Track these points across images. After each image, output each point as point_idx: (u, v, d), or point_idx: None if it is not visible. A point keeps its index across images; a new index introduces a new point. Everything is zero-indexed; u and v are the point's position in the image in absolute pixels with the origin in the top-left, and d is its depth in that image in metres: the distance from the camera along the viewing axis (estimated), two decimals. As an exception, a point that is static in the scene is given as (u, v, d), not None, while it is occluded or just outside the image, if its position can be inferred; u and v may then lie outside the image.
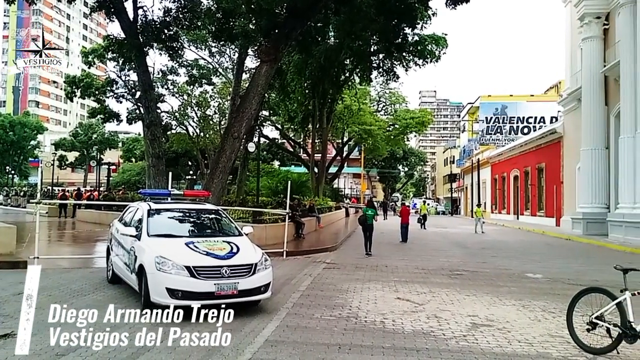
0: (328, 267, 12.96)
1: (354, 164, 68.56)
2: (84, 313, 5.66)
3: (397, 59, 27.05)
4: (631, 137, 22.13)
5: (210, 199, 14.56)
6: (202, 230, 8.91)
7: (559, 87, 51.93)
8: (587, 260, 16.27)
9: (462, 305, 8.46)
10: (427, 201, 79.79)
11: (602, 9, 27.13)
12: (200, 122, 43.20)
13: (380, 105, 53.60)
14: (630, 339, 5.52)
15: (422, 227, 30.42)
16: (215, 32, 21.12)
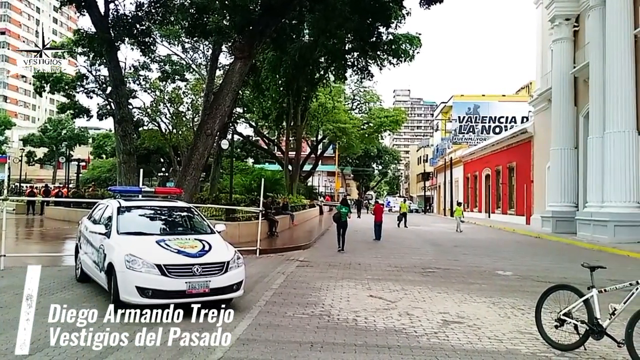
0: (301, 265, 12.93)
1: (328, 162, 68.70)
2: (56, 312, 5.53)
3: (371, 58, 27.19)
4: (599, 137, 22.68)
5: (183, 196, 14.38)
6: (173, 228, 8.80)
7: (529, 87, 52.97)
8: (556, 258, 16.62)
9: (433, 303, 8.53)
10: (401, 199, 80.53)
11: (572, 11, 27.73)
12: (172, 118, 42.60)
13: (355, 103, 53.81)
14: (597, 336, 5.63)
15: (399, 225, 30.36)
16: (188, 28, 20.86)
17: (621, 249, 18.17)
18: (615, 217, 20.88)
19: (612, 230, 20.72)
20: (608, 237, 20.61)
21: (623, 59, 21.31)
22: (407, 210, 32.97)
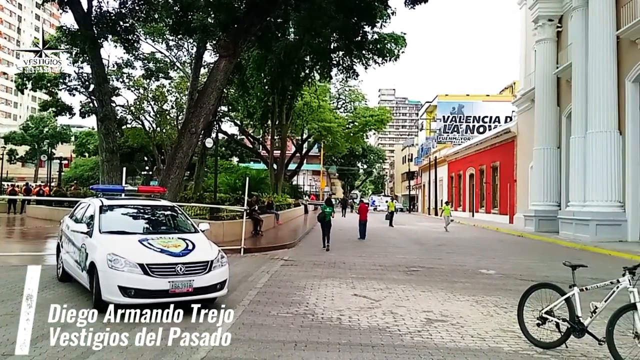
0: (286, 264, 12.90)
1: (314, 161, 68.78)
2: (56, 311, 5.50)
3: (356, 57, 27.22)
4: (582, 137, 22.96)
5: (167, 195, 14.26)
6: (156, 227, 8.73)
7: (513, 87, 53.52)
8: (539, 256, 16.80)
9: (417, 301, 8.57)
10: (387, 198, 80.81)
11: (555, 11, 28.05)
12: (156, 116, 42.27)
13: (340, 102, 53.90)
14: (578, 333, 5.69)
15: (390, 225, 30.24)
16: (172, 26, 20.66)
17: (603, 247, 18.42)
18: (597, 216, 21.17)
19: (593, 229, 21.01)
20: (590, 236, 20.89)
21: (605, 60, 21.59)
22: (394, 209, 32.91)
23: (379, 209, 68.24)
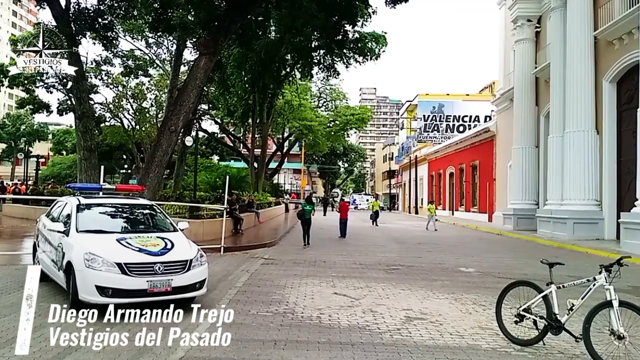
0: (266, 262, 12.85)
1: (295, 159, 68.66)
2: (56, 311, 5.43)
3: (337, 56, 27.28)
4: (560, 136, 23.30)
5: (146, 193, 14.13)
6: (135, 226, 8.64)
7: (493, 87, 54.05)
8: (517, 254, 17.01)
9: (397, 300, 8.60)
10: (368, 197, 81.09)
11: (534, 12, 28.39)
12: (136, 114, 41.78)
13: (321, 101, 53.93)
14: (555, 331, 5.75)
15: (373, 224, 29.97)
16: (152, 23, 20.48)
17: (580, 245, 18.73)
18: (575, 214, 21.50)
19: (571, 228, 21.34)
20: (567, 234, 21.22)
21: (583, 60, 21.91)
22: (378, 208, 32.77)
23: (360, 208, 68.44)
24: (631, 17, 18.91)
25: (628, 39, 19.92)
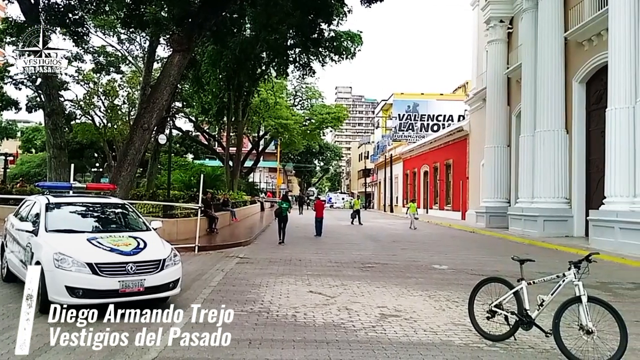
0: (241, 261, 12.78)
1: (270, 158, 68.43)
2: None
3: (313, 54, 27.25)
4: (530, 135, 23.76)
5: (118, 192, 13.92)
6: (106, 226, 8.51)
7: (466, 87, 54.81)
8: (489, 251, 17.29)
9: (372, 297, 8.64)
10: (343, 195, 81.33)
11: (506, 13, 28.84)
12: (107, 112, 41.04)
13: (297, 99, 53.86)
14: (526, 326, 5.86)
15: (353, 222, 29.74)
16: (124, 19, 20.10)
17: (550, 242, 19.14)
18: (545, 212, 21.97)
19: (541, 225, 21.79)
20: (538, 232, 21.66)
21: (553, 61, 22.37)
22: (359, 207, 32.57)
23: (336, 206, 68.62)
24: (600, 19, 19.37)
25: (597, 41, 20.41)
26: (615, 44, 17.44)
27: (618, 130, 17.17)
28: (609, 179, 17.48)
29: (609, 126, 17.62)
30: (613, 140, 17.40)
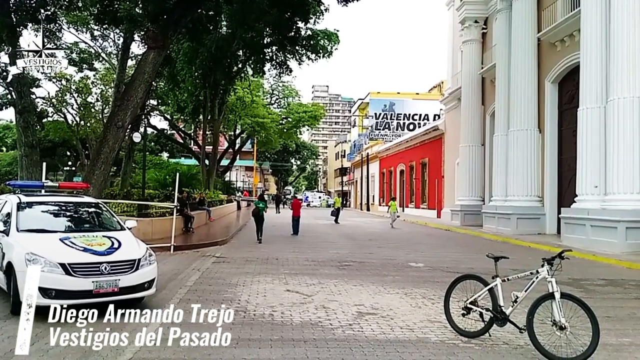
0: (218, 261, 12.69)
1: (247, 156, 68.06)
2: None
3: (290, 52, 27.19)
4: (504, 135, 24.11)
5: (91, 191, 13.68)
6: (79, 225, 8.37)
7: (441, 86, 55.31)
8: (464, 249, 17.51)
9: (349, 295, 8.67)
10: (320, 194, 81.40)
11: (481, 13, 29.20)
12: (80, 109, 40.28)
13: (274, 98, 53.70)
14: (500, 322, 5.94)
15: (335, 221, 29.60)
16: (97, 15, 19.79)
17: (523, 240, 19.47)
18: (518, 210, 22.34)
19: (514, 223, 22.15)
20: (511, 229, 22.01)
21: (527, 61, 22.74)
22: (339, 205, 32.41)
23: (312, 205, 68.66)
24: (572, 20, 19.75)
25: (569, 41, 20.82)
26: (586, 45, 17.82)
27: (589, 129, 17.55)
28: (581, 178, 17.85)
29: (581, 126, 18.00)
30: (584, 140, 17.78)
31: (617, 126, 16.18)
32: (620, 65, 16.19)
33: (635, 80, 15.98)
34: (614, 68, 16.46)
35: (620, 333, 6.64)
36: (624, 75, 16.11)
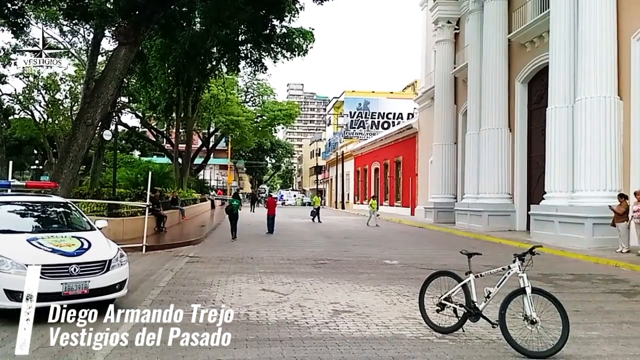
0: (191, 261, 12.54)
1: (221, 155, 67.52)
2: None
3: (265, 50, 27.00)
4: (476, 133, 24.46)
5: (59, 190, 13.37)
6: (47, 225, 8.13)
7: (415, 85, 55.76)
8: (437, 246, 17.71)
9: (325, 294, 8.67)
10: (295, 193, 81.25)
11: (453, 14, 29.52)
12: (48, 106, 39.34)
13: (248, 96, 53.37)
14: (473, 318, 6.01)
15: (314, 220, 29.55)
16: (67, 10, 19.28)
17: (494, 236, 19.80)
18: (489, 207, 22.71)
19: (486, 220, 22.51)
20: (482, 226, 22.36)
21: (497, 62, 23.12)
22: (319, 204, 32.26)
23: (287, 204, 68.53)
24: (542, 22, 20.14)
25: (539, 42, 21.22)
26: (555, 46, 18.19)
27: (557, 128, 17.93)
28: (549, 175, 18.23)
29: (549, 124, 18.38)
30: (553, 138, 18.17)
31: (585, 125, 16.55)
32: (587, 65, 16.57)
33: (601, 80, 16.38)
34: (581, 68, 16.84)
35: (588, 327, 6.80)
36: (591, 76, 16.49)
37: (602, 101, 16.32)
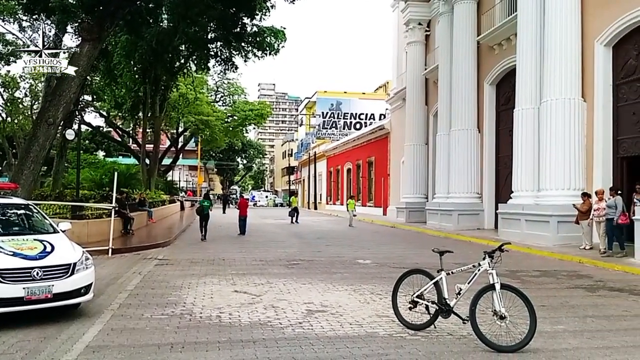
0: (160, 263, 12.27)
1: (190, 155, 66.77)
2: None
3: (235, 49, 26.60)
4: (446, 134, 24.76)
5: (20, 192, 12.95)
6: (7, 228, 7.81)
7: (387, 86, 56.21)
8: (409, 245, 17.82)
9: (298, 294, 8.59)
10: (267, 193, 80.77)
11: (424, 16, 29.79)
12: (6, 105, 38.09)
13: (219, 95, 52.87)
14: (445, 314, 6.06)
15: (292, 221, 29.18)
16: (27, 4, 18.69)
17: (464, 235, 20.07)
18: (459, 206, 23.02)
19: (456, 219, 22.81)
20: (453, 225, 22.65)
21: (467, 63, 23.44)
22: (296, 204, 32.01)
23: (259, 205, 68.13)
24: (509, 25, 20.49)
25: (507, 45, 21.60)
26: (522, 48, 18.54)
27: (524, 129, 18.29)
28: (516, 175, 18.59)
29: (516, 125, 18.73)
30: (519, 139, 18.52)
31: (550, 126, 16.91)
32: (553, 68, 16.94)
33: (566, 82, 16.76)
34: (547, 71, 17.20)
35: (554, 321, 6.93)
36: (556, 78, 16.86)
37: (567, 103, 16.69)
